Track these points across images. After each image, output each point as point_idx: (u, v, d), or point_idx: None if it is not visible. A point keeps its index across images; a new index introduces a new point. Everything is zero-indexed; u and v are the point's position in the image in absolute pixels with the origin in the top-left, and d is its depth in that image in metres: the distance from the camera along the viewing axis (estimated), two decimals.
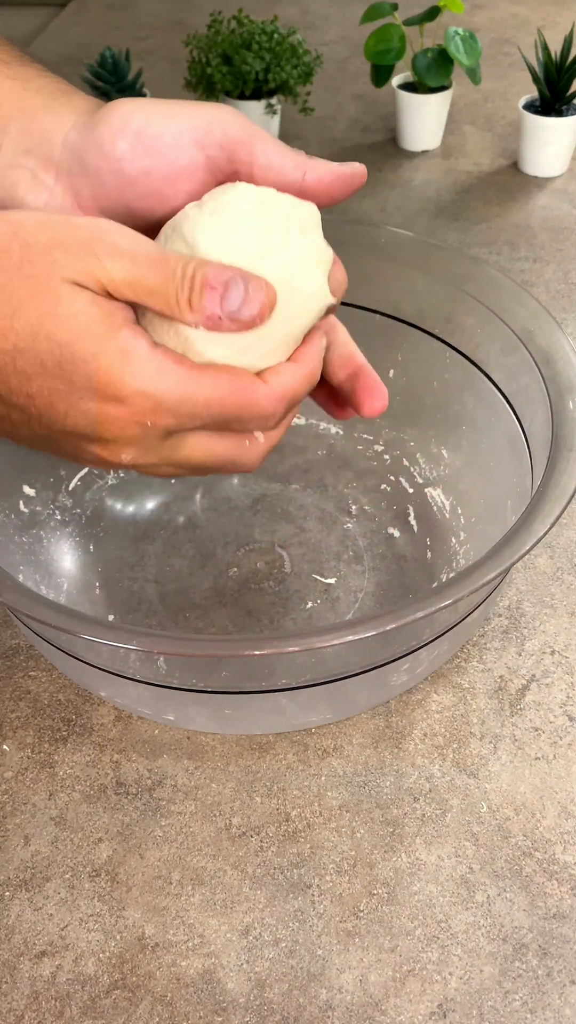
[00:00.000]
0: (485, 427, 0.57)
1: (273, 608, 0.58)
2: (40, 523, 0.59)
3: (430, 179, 0.96)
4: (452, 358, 0.58)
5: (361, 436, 0.65)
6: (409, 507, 0.62)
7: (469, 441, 0.59)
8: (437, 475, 0.62)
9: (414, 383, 0.61)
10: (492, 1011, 0.42)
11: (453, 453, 0.61)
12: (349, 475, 0.65)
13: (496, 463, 0.56)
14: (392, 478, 0.64)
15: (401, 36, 0.92)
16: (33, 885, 0.47)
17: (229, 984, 0.43)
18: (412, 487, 0.63)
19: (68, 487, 0.61)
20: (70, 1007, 0.43)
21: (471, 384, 0.57)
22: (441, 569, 0.58)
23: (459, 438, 0.60)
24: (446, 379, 0.59)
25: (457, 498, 0.60)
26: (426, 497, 0.62)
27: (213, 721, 0.51)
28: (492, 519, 0.54)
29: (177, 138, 0.37)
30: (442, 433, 0.61)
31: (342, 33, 1.26)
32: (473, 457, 0.59)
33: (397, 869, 0.47)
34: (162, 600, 0.58)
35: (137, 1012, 0.43)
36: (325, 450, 0.66)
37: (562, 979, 0.43)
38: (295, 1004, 0.43)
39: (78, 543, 0.60)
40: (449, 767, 0.50)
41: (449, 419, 0.60)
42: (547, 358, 0.51)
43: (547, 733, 0.52)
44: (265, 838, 0.48)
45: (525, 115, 0.92)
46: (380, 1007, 0.43)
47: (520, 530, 0.42)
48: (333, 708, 0.51)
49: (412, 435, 0.64)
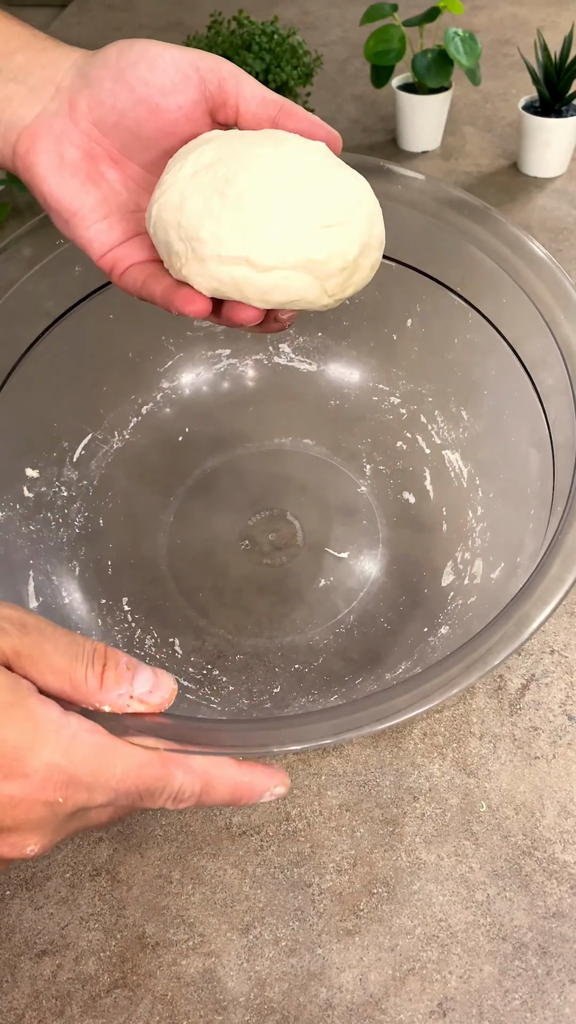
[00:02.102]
0: (507, 400, 0.54)
1: (285, 589, 0.57)
2: (46, 504, 0.57)
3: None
4: (475, 319, 0.55)
5: (377, 386, 0.62)
6: (426, 469, 0.59)
7: (490, 407, 0.56)
8: (456, 437, 0.59)
9: (434, 336, 0.59)
10: (492, 1010, 0.42)
11: (473, 416, 0.58)
12: (363, 429, 0.62)
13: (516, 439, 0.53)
14: (408, 435, 0.61)
15: (401, 37, 0.92)
16: (33, 884, 0.47)
17: (229, 983, 0.44)
18: (429, 447, 0.60)
19: (73, 458, 0.59)
20: (71, 1006, 0.43)
21: (495, 352, 0.54)
22: (457, 546, 0.55)
23: (480, 402, 0.57)
24: (468, 339, 0.56)
25: (476, 467, 0.57)
26: (444, 460, 0.59)
27: None
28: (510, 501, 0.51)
29: (176, 58, 0.40)
30: (462, 393, 0.58)
31: (342, 34, 1.26)
32: (494, 424, 0.56)
33: (397, 868, 0.47)
34: (175, 578, 0.57)
35: (137, 1011, 0.43)
36: (338, 399, 0.63)
37: (561, 978, 0.43)
38: (295, 1003, 0.43)
39: (87, 519, 0.58)
40: (449, 766, 0.50)
41: (470, 380, 0.57)
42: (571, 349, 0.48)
43: (546, 733, 0.52)
44: (265, 837, 0.48)
45: (525, 116, 0.92)
46: (380, 1006, 0.43)
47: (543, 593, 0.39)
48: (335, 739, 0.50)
49: (431, 390, 0.61)
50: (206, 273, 0.38)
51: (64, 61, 0.42)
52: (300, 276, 0.38)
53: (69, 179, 0.41)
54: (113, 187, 0.42)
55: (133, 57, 0.40)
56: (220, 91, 0.41)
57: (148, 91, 0.40)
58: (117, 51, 0.41)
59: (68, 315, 0.57)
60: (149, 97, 0.40)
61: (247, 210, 0.37)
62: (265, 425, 0.63)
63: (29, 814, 0.32)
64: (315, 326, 0.64)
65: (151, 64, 0.40)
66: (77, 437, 0.60)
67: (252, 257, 0.37)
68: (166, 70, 0.40)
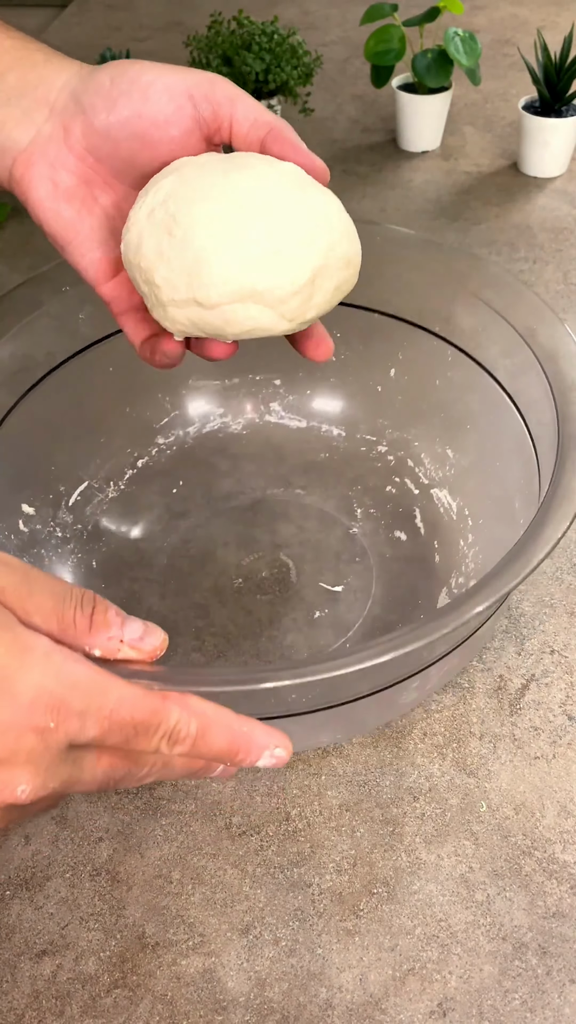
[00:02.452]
0: (490, 427, 0.56)
1: (280, 621, 0.57)
2: (41, 542, 0.58)
3: (430, 180, 0.97)
4: (454, 356, 0.57)
5: (364, 437, 0.65)
6: (415, 509, 0.61)
7: (474, 441, 0.58)
8: (443, 476, 0.61)
9: (416, 382, 0.60)
10: (492, 1010, 0.42)
11: (459, 453, 0.60)
12: (352, 477, 0.64)
13: (503, 463, 0.55)
14: (397, 479, 0.63)
15: (401, 37, 0.92)
16: (34, 884, 0.47)
17: (229, 983, 0.44)
18: (418, 488, 0.62)
19: (68, 503, 0.60)
20: (71, 1006, 0.43)
21: (474, 383, 0.56)
22: (450, 573, 0.56)
23: (464, 438, 0.59)
24: (448, 377, 0.58)
25: (464, 499, 0.59)
26: (432, 498, 0.61)
27: None
28: (501, 520, 0.53)
29: (171, 87, 0.40)
30: (447, 432, 0.60)
31: (342, 34, 1.26)
32: (479, 457, 0.58)
33: (397, 868, 0.47)
34: (168, 618, 0.57)
35: (137, 1011, 0.43)
36: (327, 452, 0.65)
37: (561, 978, 0.43)
38: (295, 1003, 0.43)
39: (80, 559, 0.59)
40: (449, 766, 0.50)
41: (453, 418, 0.59)
42: (550, 356, 0.50)
43: (547, 733, 0.52)
44: (265, 837, 0.48)
45: (525, 116, 0.92)
46: (380, 1006, 0.43)
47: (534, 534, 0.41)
48: (342, 729, 0.50)
49: (416, 435, 0.63)
50: (168, 317, 0.39)
51: (56, 79, 0.42)
52: (248, 307, 0.38)
53: (64, 206, 0.42)
54: (107, 212, 0.42)
55: (125, 86, 0.40)
56: (215, 117, 0.40)
57: (142, 123, 0.40)
58: (110, 78, 0.40)
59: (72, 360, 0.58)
60: (143, 130, 0.40)
61: (190, 249, 0.37)
62: (257, 478, 0.65)
63: (18, 743, 0.30)
64: (304, 384, 0.66)
65: (144, 94, 0.40)
66: (73, 483, 0.61)
67: (198, 297, 0.38)
68: (159, 100, 0.40)
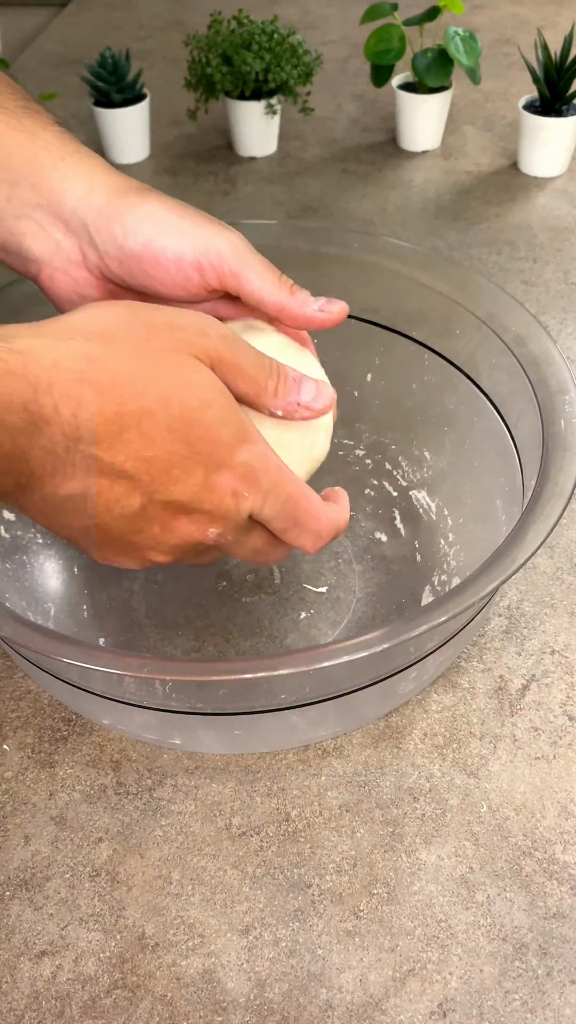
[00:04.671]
0: (468, 427, 0.56)
1: (266, 622, 0.57)
2: (23, 547, 0.57)
3: (430, 179, 0.97)
4: (431, 360, 0.57)
5: (341, 442, 0.64)
6: (394, 511, 0.61)
7: (452, 442, 0.59)
8: (421, 477, 0.61)
9: (393, 386, 0.61)
10: (492, 1011, 0.42)
11: (436, 455, 0.61)
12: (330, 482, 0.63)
13: (481, 463, 0.55)
14: (375, 482, 0.63)
15: (401, 36, 0.92)
16: (33, 885, 0.47)
17: (229, 984, 0.43)
18: (396, 490, 0.62)
19: None
20: (70, 1007, 0.43)
21: (451, 385, 0.56)
22: (432, 571, 0.57)
23: (441, 439, 0.60)
24: (425, 381, 0.58)
25: (443, 500, 0.60)
26: (411, 500, 0.61)
27: (221, 743, 0.50)
28: (481, 519, 0.53)
29: (179, 255, 0.41)
30: (424, 435, 0.61)
31: (342, 33, 1.26)
32: (457, 458, 0.59)
33: (397, 869, 0.47)
34: (152, 618, 0.57)
35: (137, 1012, 0.43)
36: None
37: (562, 979, 0.43)
38: (295, 1004, 0.43)
39: (63, 565, 0.59)
40: (449, 767, 0.50)
41: (431, 421, 0.60)
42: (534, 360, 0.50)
43: (547, 733, 0.52)
44: (265, 838, 0.48)
45: (525, 115, 0.92)
46: (380, 1007, 0.43)
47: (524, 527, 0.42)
48: (342, 721, 0.50)
49: (393, 438, 0.63)
50: None
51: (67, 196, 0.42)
52: None
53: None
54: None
55: (137, 248, 0.41)
56: (221, 285, 0.42)
57: (151, 282, 0.42)
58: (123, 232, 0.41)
59: None
60: (152, 287, 0.43)
61: None
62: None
63: (222, 503, 0.38)
64: None
65: (155, 261, 0.42)
66: None
67: None
68: (168, 268, 0.42)
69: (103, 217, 0.42)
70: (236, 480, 0.37)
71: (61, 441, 0.33)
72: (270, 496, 0.39)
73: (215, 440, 0.36)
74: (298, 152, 1.02)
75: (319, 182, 0.97)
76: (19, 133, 0.42)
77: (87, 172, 0.42)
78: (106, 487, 0.35)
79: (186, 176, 0.99)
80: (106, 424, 0.34)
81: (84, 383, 0.33)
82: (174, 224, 0.41)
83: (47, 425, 0.33)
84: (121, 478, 0.35)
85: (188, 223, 0.41)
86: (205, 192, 0.96)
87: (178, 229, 0.41)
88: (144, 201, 0.42)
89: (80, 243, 0.43)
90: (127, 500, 0.36)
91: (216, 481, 0.37)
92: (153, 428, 0.35)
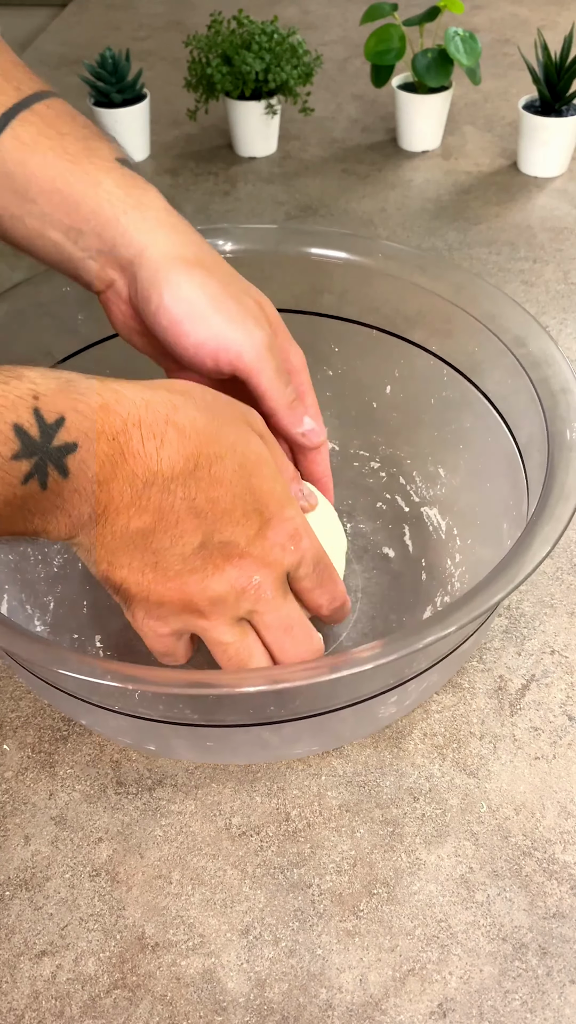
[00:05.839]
0: (482, 447, 0.56)
1: None
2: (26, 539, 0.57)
3: (430, 179, 0.97)
4: (450, 375, 0.57)
5: (357, 453, 0.64)
6: (405, 527, 0.61)
7: (466, 461, 0.58)
8: (434, 494, 0.61)
9: (411, 400, 0.60)
10: (492, 1010, 0.42)
11: (450, 472, 0.60)
12: (344, 493, 0.63)
13: (492, 485, 0.55)
14: (388, 496, 0.62)
15: (401, 36, 0.92)
16: (33, 885, 0.47)
17: (229, 984, 0.44)
18: (408, 506, 0.62)
19: None
20: (70, 1006, 0.43)
21: (468, 403, 0.56)
22: (436, 592, 0.56)
23: (456, 457, 0.59)
24: (443, 397, 0.58)
25: (453, 519, 0.59)
26: (422, 516, 0.61)
27: (194, 752, 0.50)
28: (488, 542, 0.53)
29: (198, 345, 0.46)
30: (439, 451, 0.60)
31: (342, 33, 1.26)
32: (470, 477, 0.58)
33: (397, 869, 0.47)
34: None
35: (137, 1012, 0.43)
36: None
37: (562, 979, 0.43)
38: (295, 1004, 0.43)
39: (66, 560, 0.59)
40: (449, 767, 0.50)
41: (447, 437, 0.59)
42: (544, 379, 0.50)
43: (547, 733, 0.52)
44: (265, 838, 0.48)
45: (525, 115, 0.92)
46: (380, 1006, 0.43)
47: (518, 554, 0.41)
48: (318, 741, 0.50)
49: (409, 452, 0.62)
50: None
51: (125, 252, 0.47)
52: None
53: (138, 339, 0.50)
54: None
55: (163, 323, 0.46)
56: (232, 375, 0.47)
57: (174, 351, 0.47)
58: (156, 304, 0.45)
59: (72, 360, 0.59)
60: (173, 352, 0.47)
61: None
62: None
63: (270, 551, 0.42)
64: None
65: (175, 340, 0.46)
66: None
67: None
68: (187, 349, 0.46)
69: (145, 282, 0.46)
70: (284, 535, 0.42)
71: (142, 475, 0.37)
72: (308, 554, 0.43)
73: (271, 492, 0.41)
74: (298, 152, 1.02)
75: (319, 182, 0.97)
76: (83, 183, 0.46)
77: (146, 230, 0.46)
78: (173, 522, 0.39)
79: (186, 176, 0.99)
80: (184, 462, 0.38)
81: (169, 424, 0.38)
82: (203, 315, 0.45)
83: (132, 457, 0.37)
84: (189, 514, 0.39)
85: (218, 317, 0.45)
86: (205, 192, 0.96)
87: (205, 321, 0.45)
88: (187, 279, 0.45)
89: (130, 289, 0.47)
90: (190, 536, 0.39)
91: (268, 531, 0.41)
92: (222, 471, 0.39)
